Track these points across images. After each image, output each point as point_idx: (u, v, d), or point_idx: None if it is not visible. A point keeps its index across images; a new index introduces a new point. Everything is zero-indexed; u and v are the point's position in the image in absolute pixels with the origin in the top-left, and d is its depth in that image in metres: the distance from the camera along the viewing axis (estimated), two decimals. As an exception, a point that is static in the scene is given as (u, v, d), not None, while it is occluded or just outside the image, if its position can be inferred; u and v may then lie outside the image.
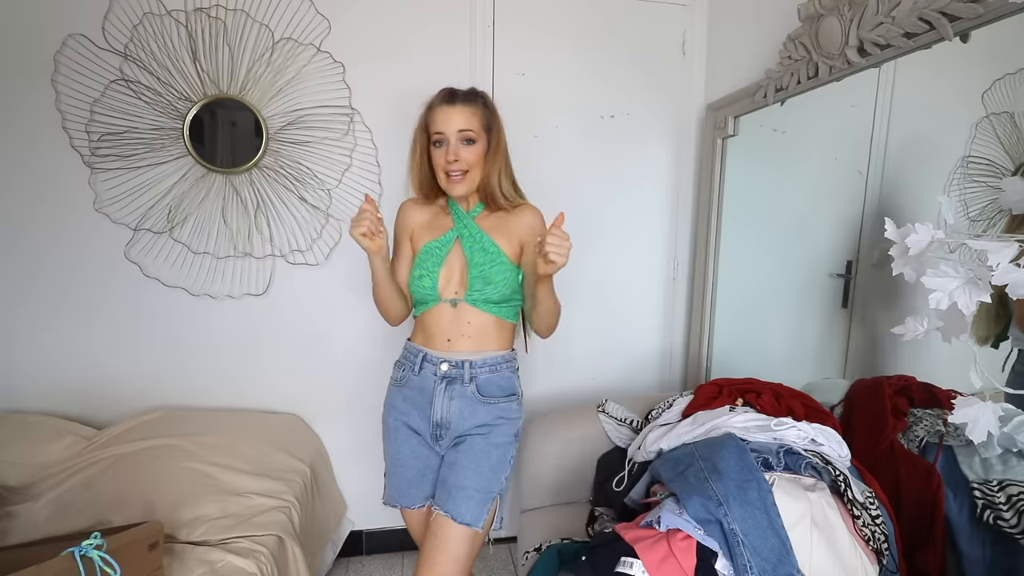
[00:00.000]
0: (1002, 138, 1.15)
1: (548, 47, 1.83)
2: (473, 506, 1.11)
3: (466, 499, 1.10)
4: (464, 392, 1.16)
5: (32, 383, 1.65)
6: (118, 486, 1.35)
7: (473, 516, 1.10)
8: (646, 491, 1.25)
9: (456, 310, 1.18)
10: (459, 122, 1.11)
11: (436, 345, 1.19)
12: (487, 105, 1.17)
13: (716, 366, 1.87)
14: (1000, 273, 0.73)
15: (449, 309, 1.18)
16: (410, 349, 1.23)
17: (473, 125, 1.12)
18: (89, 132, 1.59)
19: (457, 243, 1.19)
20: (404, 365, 1.23)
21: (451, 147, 1.12)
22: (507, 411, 1.19)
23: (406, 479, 1.20)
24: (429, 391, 1.17)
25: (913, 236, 0.86)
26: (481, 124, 1.14)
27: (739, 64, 1.75)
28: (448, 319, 1.18)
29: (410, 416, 1.19)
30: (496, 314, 1.19)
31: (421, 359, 1.18)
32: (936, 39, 1.00)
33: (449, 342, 1.18)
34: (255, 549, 1.25)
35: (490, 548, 1.20)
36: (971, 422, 0.77)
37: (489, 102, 1.18)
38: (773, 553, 0.93)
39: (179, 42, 1.60)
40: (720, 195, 1.78)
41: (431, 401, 1.17)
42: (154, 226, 1.66)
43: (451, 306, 1.18)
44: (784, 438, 1.12)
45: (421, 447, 1.20)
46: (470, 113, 1.12)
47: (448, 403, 1.16)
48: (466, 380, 1.16)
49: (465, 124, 1.11)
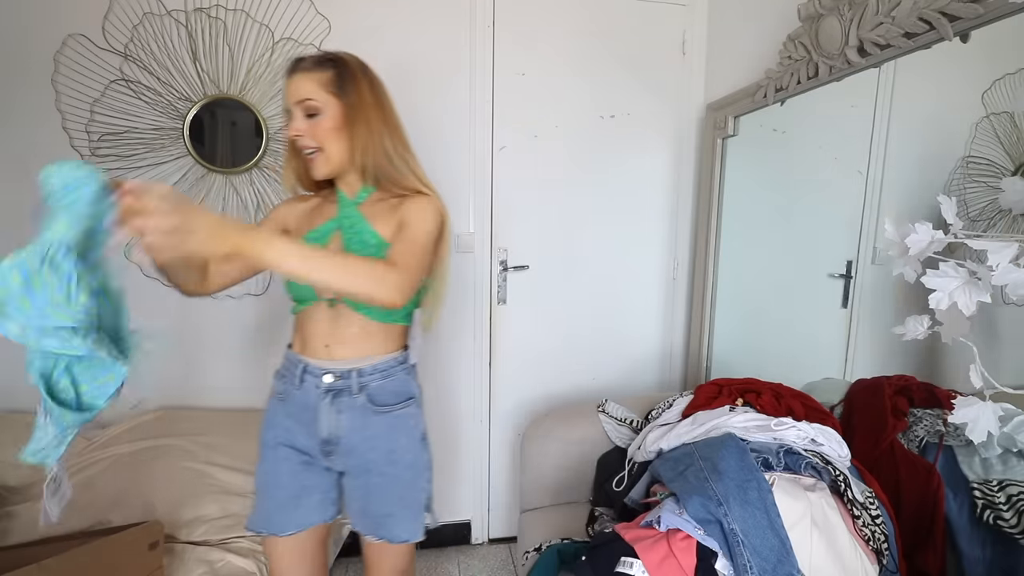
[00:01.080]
0: (1002, 138, 1.15)
1: (548, 47, 1.83)
2: (408, 524, 1.04)
3: (398, 522, 1.03)
4: (354, 404, 1.00)
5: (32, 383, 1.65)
6: (118, 486, 1.35)
7: (411, 531, 1.04)
8: (646, 491, 1.25)
9: (335, 311, 0.99)
10: (300, 91, 0.94)
11: (314, 352, 1.01)
12: (340, 69, 0.96)
13: (716, 366, 1.87)
14: (1000, 273, 0.73)
15: (326, 310, 0.99)
16: (290, 359, 1.04)
17: (316, 95, 0.93)
18: (89, 132, 1.59)
19: (337, 234, 1.00)
20: (285, 377, 1.04)
21: (293, 121, 0.95)
22: (404, 421, 1.04)
23: (277, 502, 1.02)
24: (313, 406, 1.00)
25: (913, 236, 0.86)
26: (329, 91, 0.94)
27: (739, 64, 1.75)
28: (326, 322, 1.00)
29: (293, 434, 1.02)
30: (380, 319, 1.00)
31: (302, 371, 1.00)
32: (936, 39, 1.00)
33: (327, 348, 1.00)
34: (255, 549, 1.25)
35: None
36: (971, 422, 0.77)
37: (347, 66, 0.97)
38: (773, 553, 0.93)
39: (179, 42, 1.60)
40: (720, 195, 1.78)
41: (316, 417, 1.00)
42: (154, 226, 1.66)
43: (328, 306, 0.99)
44: (784, 438, 1.12)
45: (302, 469, 1.03)
46: (315, 81, 0.94)
47: (336, 418, 0.99)
48: (355, 390, 0.99)
49: (307, 93, 0.93)
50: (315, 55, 0.97)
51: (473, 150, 1.81)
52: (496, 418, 1.98)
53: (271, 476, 1.03)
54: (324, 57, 0.96)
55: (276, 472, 1.03)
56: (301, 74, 0.94)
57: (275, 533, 1.02)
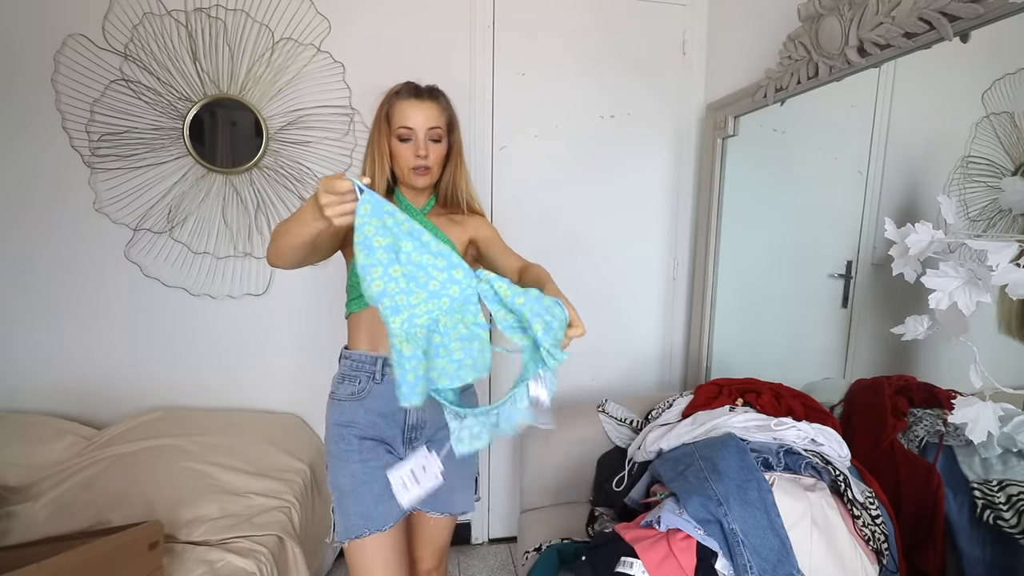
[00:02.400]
0: (1002, 138, 1.15)
1: (548, 47, 1.83)
2: (467, 497, 1.17)
3: (460, 496, 1.15)
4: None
5: (32, 383, 1.65)
6: (118, 486, 1.35)
7: (469, 504, 1.17)
8: (646, 491, 1.25)
9: None
10: (429, 118, 1.08)
11: (385, 346, 1.07)
12: (450, 106, 1.15)
13: (716, 366, 1.87)
14: (1000, 273, 0.73)
15: None
16: (360, 359, 1.09)
17: (441, 123, 1.09)
18: (89, 132, 1.59)
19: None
20: (358, 378, 1.09)
21: (420, 142, 1.07)
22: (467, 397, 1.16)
23: (375, 496, 1.03)
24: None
25: (913, 236, 0.86)
26: (446, 123, 1.11)
27: (739, 64, 1.75)
28: None
29: (379, 428, 1.07)
30: None
31: (382, 365, 1.07)
32: (936, 39, 1.00)
33: None
34: (255, 549, 1.25)
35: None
36: (971, 422, 0.77)
37: (451, 103, 1.16)
38: (773, 553, 0.93)
39: (179, 42, 1.60)
40: (720, 195, 1.78)
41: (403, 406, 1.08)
42: (154, 226, 1.66)
43: None
44: (784, 438, 1.12)
45: (390, 460, 1.06)
46: (439, 110, 1.10)
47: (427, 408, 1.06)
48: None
49: (435, 121, 1.08)
50: (430, 87, 1.11)
51: (473, 150, 1.81)
52: (496, 418, 1.98)
53: (363, 473, 1.04)
54: (439, 91, 1.13)
55: (367, 468, 1.05)
56: (433, 103, 1.08)
57: (380, 528, 1.02)
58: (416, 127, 1.07)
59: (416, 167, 1.08)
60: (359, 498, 1.03)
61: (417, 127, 1.07)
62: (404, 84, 1.11)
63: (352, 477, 1.04)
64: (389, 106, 1.09)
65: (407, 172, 1.10)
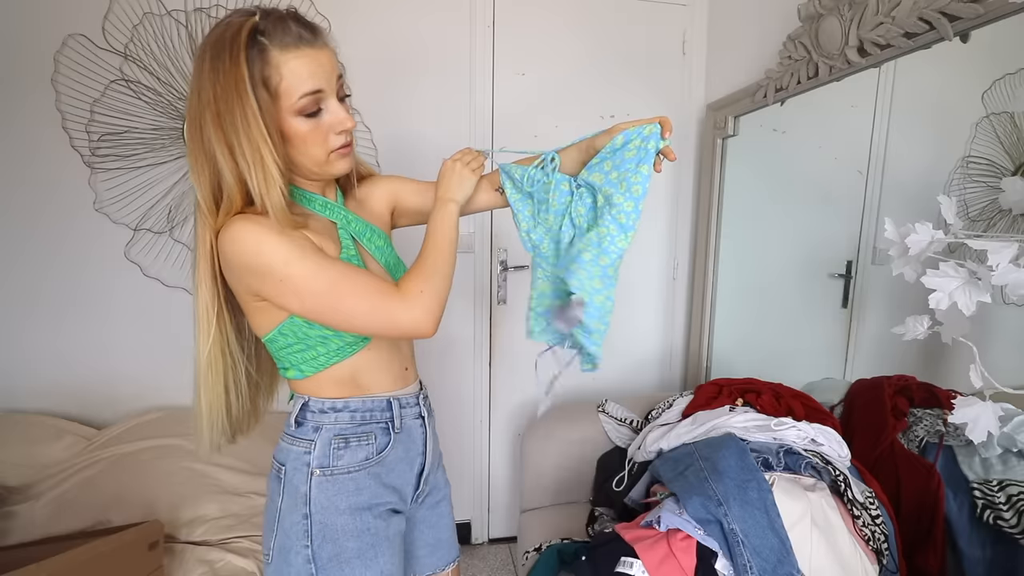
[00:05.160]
0: (1002, 138, 1.15)
1: (548, 47, 1.83)
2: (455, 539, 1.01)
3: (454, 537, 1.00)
4: (433, 425, 0.91)
5: (32, 383, 1.65)
6: (118, 486, 1.35)
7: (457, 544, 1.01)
8: (646, 491, 1.25)
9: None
10: (334, 66, 0.72)
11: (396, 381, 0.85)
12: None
13: (716, 366, 1.87)
14: (1000, 273, 0.73)
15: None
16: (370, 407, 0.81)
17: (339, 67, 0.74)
18: (89, 132, 1.59)
19: (357, 244, 0.83)
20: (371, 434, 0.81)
21: (334, 105, 0.73)
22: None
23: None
24: (418, 442, 0.86)
25: (913, 236, 0.86)
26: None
27: (739, 64, 1.75)
28: (395, 345, 0.86)
29: (398, 491, 0.84)
30: None
31: (398, 408, 0.83)
32: (936, 39, 1.00)
33: (407, 370, 0.88)
34: (255, 549, 1.25)
35: None
36: (971, 422, 0.77)
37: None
38: (773, 553, 0.93)
39: (179, 42, 1.60)
40: (720, 195, 1.78)
41: (422, 451, 0.87)
42: (154, 226, 1.66)
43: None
44: (784, 438, 1.12)
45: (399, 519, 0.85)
46: (331, 49, 0.73)
47: (433, 442, 0.91)
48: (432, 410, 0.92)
49: (337, 67, 0.73)
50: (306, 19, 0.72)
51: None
52: (496, 418, 1.98)
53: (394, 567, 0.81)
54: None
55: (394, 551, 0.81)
56: (324, 40, 0.72)
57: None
58: (326, 87, 0.70)
59: (339, 147, 0.75)
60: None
61: (326, 87, 0.71)
62: (269, 18, 0.67)
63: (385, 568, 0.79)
64: (263, 65, 0.66)
65: (322, 160, 0.74)
